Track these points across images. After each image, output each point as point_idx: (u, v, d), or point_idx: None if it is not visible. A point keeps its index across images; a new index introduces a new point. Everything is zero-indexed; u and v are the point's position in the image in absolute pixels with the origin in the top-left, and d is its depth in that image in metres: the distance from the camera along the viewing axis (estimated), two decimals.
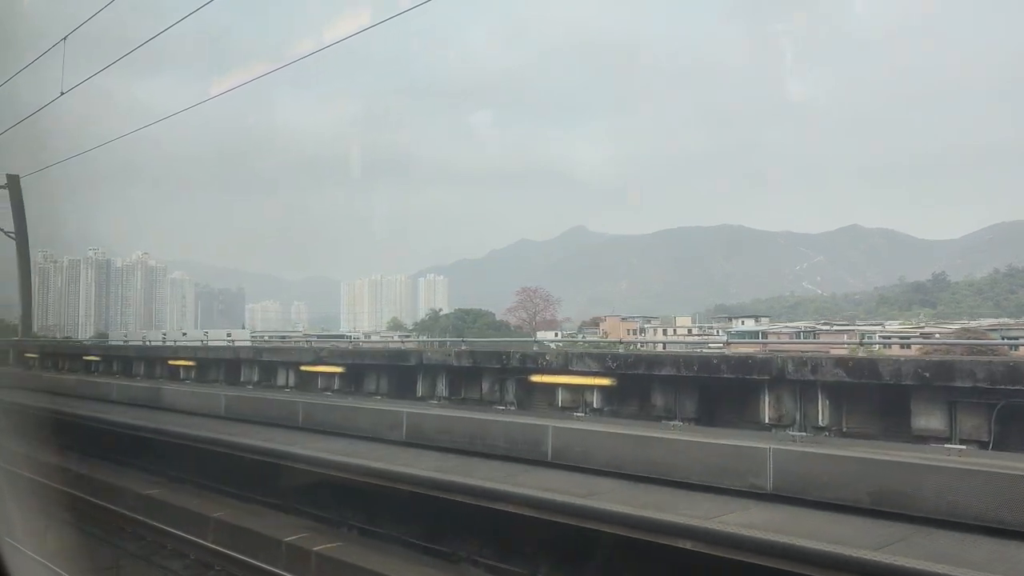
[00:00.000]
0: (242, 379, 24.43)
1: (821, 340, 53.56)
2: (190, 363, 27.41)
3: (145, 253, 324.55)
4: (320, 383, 21.62)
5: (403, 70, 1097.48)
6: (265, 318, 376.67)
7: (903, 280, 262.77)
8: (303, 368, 22.10)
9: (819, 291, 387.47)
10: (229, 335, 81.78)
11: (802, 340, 57.56)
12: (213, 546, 13.82)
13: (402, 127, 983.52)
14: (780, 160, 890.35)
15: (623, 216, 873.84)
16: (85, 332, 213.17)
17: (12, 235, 42.60)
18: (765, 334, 65.55)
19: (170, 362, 28.61)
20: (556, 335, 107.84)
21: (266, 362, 23.98)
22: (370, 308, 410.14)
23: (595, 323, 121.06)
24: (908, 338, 45.06)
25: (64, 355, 37.65)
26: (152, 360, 30.37)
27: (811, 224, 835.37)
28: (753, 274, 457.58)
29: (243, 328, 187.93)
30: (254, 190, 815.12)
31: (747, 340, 63.82)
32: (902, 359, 12.84)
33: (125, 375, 30.63)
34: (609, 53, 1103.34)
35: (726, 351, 18.37)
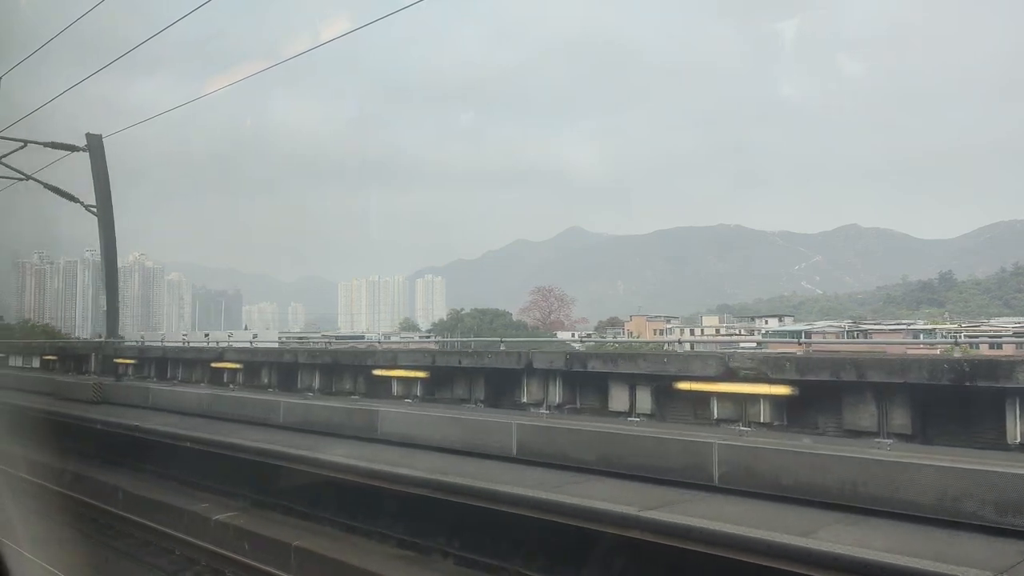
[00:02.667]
0: (526, 398, 16.91)
1: (873, 340, 51.52)
2: (415, 374, 19.32)
3: (142, 254, 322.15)
4: (720, 410, 13.59)
5: (398, 70, 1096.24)
6: (262, 319, 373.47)
7: (906, 279, 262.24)
8: (685, 385, 14.09)
9: (818, 291, 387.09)
10: (255, 336, 79.07)
11: (852, 340, 55.55)
12: None
13: (397, 128, 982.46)
14: (777, 160, 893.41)
15: (620, 216, 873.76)
16: (83, 333, 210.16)
17: (93, 210, 34.29)
18: (809, 334, 63.63)
19: (376, 372, 20.24)
20: (572, 335, 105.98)
21: (592, 375, 15.66)
22: (368, 309, 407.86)
23: (612, 323, 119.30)
24: (999, 336, 42.99)
25: (176, 361, 29.14)
26: (336, 368, 22.03)
27: (808, 224, 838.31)
28: (751, 274, 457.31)
29: (245, 329, 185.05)
30: (249, 191, 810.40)
31: (786, 340, 61.71)
32: None
33: (285, 389, 23.10)
34: (605, 52, 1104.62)
35: None
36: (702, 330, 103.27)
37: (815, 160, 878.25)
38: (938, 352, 25.89)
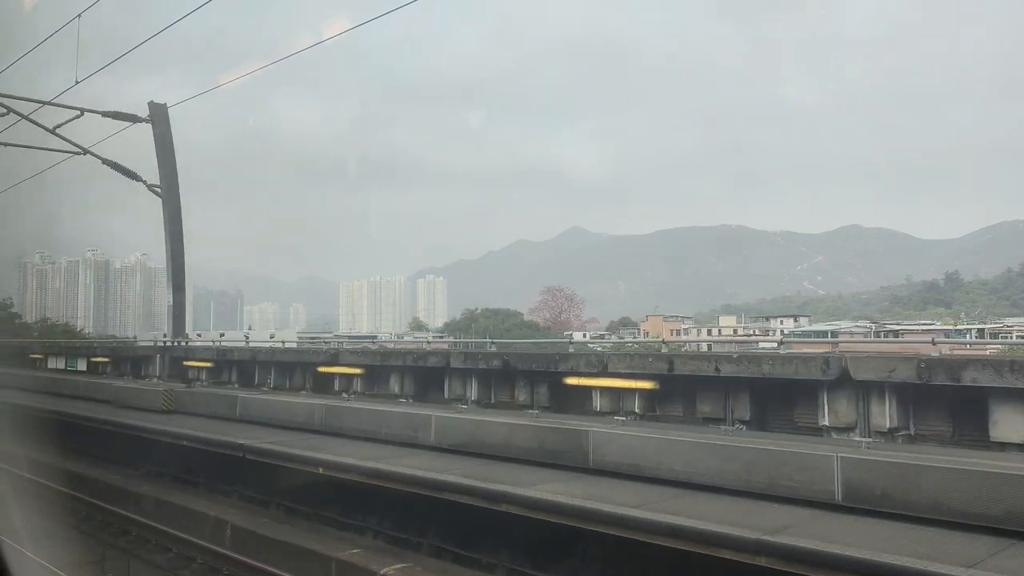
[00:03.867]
0: (826, 420, 12.75)
1: (904, 340, 50.64)
2: (633, 384, 14.95)
3: (144, 254, 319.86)
4: None
5: (399, 70, 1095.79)
6: (263, 320, 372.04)
7: (910, 280, 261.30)
8: None
9: (820, 291, 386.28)
10: (272, 335, 77.82)
11: (881, 340, 54.70)
12: None
13: (398, 128, 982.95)
14: (777, 160, 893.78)
15: (621, 216, 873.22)
16: (86, 333, 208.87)
17: (157, 190, 31.84)
18: (836, 333, 62.78)
19: (569, 380, 16.07)
20: (584, 335, 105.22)
21: (952, 389, 11.27)
22: (369, 309, 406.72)
23: (624, 323, 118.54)
24: None
25: (267, 364, 24.85)
26: (506, 374, 17.60)
27: (810, 224, 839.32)
28: (751, 274, 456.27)
29: (249, 329, 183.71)
30: (250, 190, 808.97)
31: (811, 340, 60.79)
32: None
33: (421, 399, 19.51)
34: (605, 52, 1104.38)
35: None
36: (719, 330, 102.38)
37: (815, 160, 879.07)
38: (987, 353, 24.84)
